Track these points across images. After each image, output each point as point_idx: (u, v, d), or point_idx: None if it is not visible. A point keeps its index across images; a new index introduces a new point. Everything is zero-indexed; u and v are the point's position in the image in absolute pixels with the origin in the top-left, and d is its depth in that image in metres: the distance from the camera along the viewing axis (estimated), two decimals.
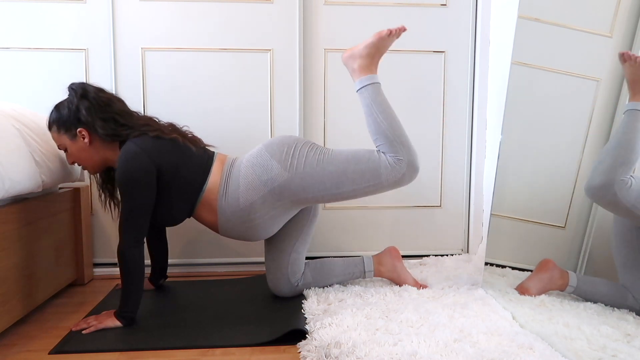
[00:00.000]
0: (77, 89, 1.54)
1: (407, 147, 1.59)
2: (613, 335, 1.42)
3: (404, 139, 1.60)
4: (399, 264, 1.81)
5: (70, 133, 1.55)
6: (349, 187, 1.58)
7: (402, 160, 1.58)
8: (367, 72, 1.64)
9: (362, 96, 1.64)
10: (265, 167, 1.57)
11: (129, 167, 1.48)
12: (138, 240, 1.49)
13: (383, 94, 1.64)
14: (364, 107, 1.64)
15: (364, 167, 1.57)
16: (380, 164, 1.57)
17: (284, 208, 1.61)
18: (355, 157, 1.58)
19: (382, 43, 1.63)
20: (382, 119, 1.60)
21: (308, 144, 1.62)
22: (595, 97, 1.84)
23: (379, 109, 1.61)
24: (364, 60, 1.64)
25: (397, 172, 1.57)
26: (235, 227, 1.62)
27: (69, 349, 1.36)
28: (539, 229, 1.95)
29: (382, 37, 1.61)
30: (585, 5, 1.85)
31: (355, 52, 1.65)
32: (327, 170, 1.57)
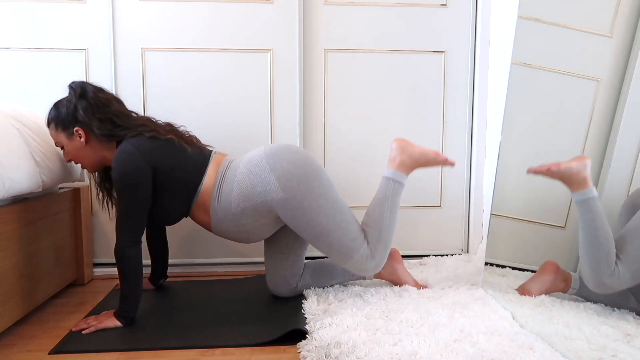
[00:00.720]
0: (76, 88, 1.54)
1: (385, 252, 1.62)
2: (613, 335, 1.42)
3: (388, 244, 1.62)
4: (400, 267, 1.81)
5: (67, 131, 1.55)
6: (323, 245, 1.57)
7: (375, 260, 1.59)
8: (404, 170, 1.66)
9: (385, 186, 1.64)
10: (262, 179, 1.54)
11: (124, 166, 1.48)
12: (135, 240, 1.49)
13: (401, 196, 1.66)
14: (380, 195, 1.64)
15: (346, 242, 1.56)
16: (359, 250, 1.57)
17: (273, 218, 1.61)
18: (346, 228, 1.56)
19: (432, 162, 1.67)
20: (388, 217, 1.61)
21: (316, 177, 1.56)
22: (595, 97, 1.84)
23: (391, 207, 1.62)
24: (410, 161, 1.65)
25: (364, 264, 1.59)
26: (228, 229, 1.62)
27: (69, 349, 1.36)
28: (539, 229, 1.95)
29: (437, 159, 1.66)
30: (585, 5, 1.85)
31: (409, 150, 1.66)
32: (318, 220, 1.54)
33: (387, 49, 2.20)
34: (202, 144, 1.70)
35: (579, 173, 1.57)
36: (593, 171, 1.86)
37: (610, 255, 1.54)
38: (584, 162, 1.58)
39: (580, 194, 1.58)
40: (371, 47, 2.20)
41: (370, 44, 2.19)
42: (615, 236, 1.58)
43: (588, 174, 1.58)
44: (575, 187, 1.59)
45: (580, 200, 1.58)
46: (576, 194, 1.59)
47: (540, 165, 1.61)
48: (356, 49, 2.19)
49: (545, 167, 1.60)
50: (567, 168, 1.58)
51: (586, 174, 1.58)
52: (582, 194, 1.57)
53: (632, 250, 1.54)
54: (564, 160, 1.60)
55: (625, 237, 1.57)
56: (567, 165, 1.58)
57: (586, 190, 1.57)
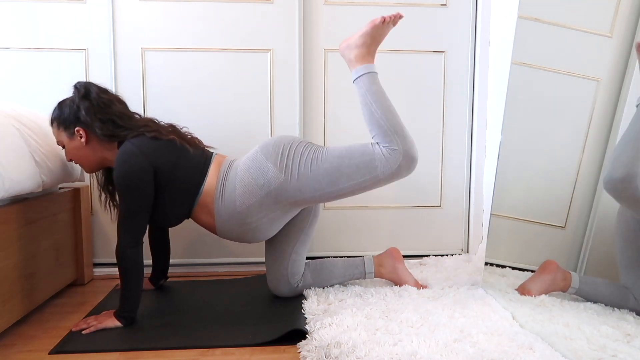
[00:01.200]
0: (80, 89, 1.55)
1: (402, 136, 1.55)
2: (613, 335, 1.42)
3: (398, 128, 1.55)
4: (400, 266, 1.81)
5: (68, 131, 1.56)
6: (345, 184, 1.55)
7: (397, 150, 1.53)
8: (363, 61, 1.61)
9: (358, 86, 1.61)
10: (261, 170, 1.56)
11: (126, 167, 1.49)
12: (136, 240, 1.49)
13: (379, 83, 1.61)
14: (360, 97, 1.61)
15: (358, 161, 1.54)
16: (375, 156, 1.54)
17: (282, 211, 1.61)
18: (349, 152, 1.56)
19: (377, 31, 1.60)
20: (376, 107, 1.57)
21: (303, 144, 1.61)
22: (595, 97, 1.84)
23: (373, 97, 1.58)
24: (360, 49, 1.61)
25: (392, 163, 1.53)
26: (232, 230, 1.62)
27: (69, 349, 1.36)
28: (539, 229, 1.95)
29: (376, 25, 1.59)
30: (585, 5, 1.85)
31: (352, 42, 1.62)
32: (322, 168, 1.54)
33: (387, 49, 2.20)
34: (204, 145, 1.70)
35: None
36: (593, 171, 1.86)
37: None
38: None
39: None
40: None
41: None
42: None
43: None
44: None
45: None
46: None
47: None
48: None
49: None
50: None
51: None
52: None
53: None
54: None
55: None
56: None
57: None
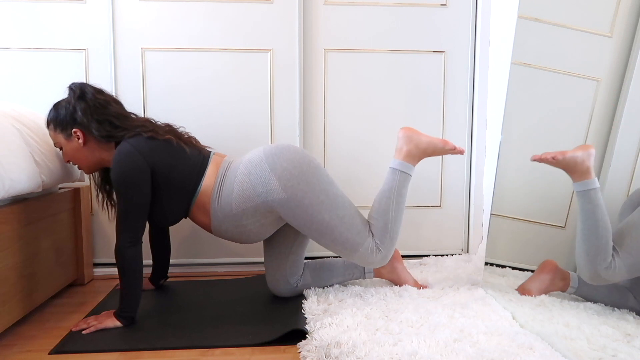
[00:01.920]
0: (75, 90, 1.55)
1: (392, 244, 1.61)
2: (613, 335, 1.42)
3: (395, 237, 1.61)
4: (400, 265, 1.81)
5: (65, 132, 1.56)
6: (327, 240, 1.58)
7: (381, 252, 1.59)
8: (411, 160, 1.63)
9: (392, 177, 1.63)
10: (263, 180, 1.55)
11: (123, 166, 1.49)
12: (135, 240, 1.49)
13: (408, 188, 1.64)
14: (386, 186, 1.62)
15: (350, 236, 1.56)
16: (364, 243, 1.57)
17: (274, 218, 1.61)
18: (350, 222, 1.57)
19: (441, 151, 1.64)
20: (395, 209, 1.60)
21: (316, 174, 1.57)
22: (595, 97, 1.84)
23: (398, 198, 1.61)
24: (417, 151, 1.63)
25: (371, 258, 1.59)
26: (228, 230, 1.62)
27: (69, 349, 1.36)
28: (539, 229, 1.95)
29: (445, 148, 1.63)
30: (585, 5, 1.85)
31: (415, 139, 1.63)
32: (321, 217, 1.55)
33: (387, 49, 2.20)
34: (201, 144, 1.70)
35: (583, 163, 1.56)
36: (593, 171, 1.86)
37: (607, 247, 1.53)
38: (588, 152, 1.57)
39: (583, 184, 1.57)
40: (371, 47, 2.20)
41: (370, 43, 2.19)
42: (614, 230, 1.58)
43: (592, 164, 1.57)
44: (578, 177, 1.58)
45: (582, 190, 1.57)
46: (578, 184, 1.58)
47: (544, 153, 1.59)
48: (356, 48, 2.19)
49: (551, 155, 1.58)
50: (572, 157, 1.56)
51: (590, 163, 1.56)
52: (584, 184, 1.56)
53: (630, 243, 1.54)
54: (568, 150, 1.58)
55: (624, 230, 1.57)
56: (572, 155, 1.56)
57: (588, 180, 1.56)
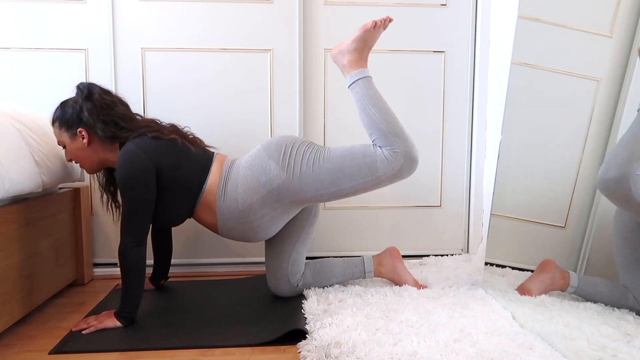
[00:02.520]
0: (83, 89, 1.55)
1: (402, 138, 1.57)
2: (613, 335, 1.42)
3: (398, 131, 1.57)
4: (400, 265, 1.81)
5: (70, 132, 1.56)
6: (346, 184, 1.57)
7: (398, 152, 1.55)
8: (357, 66, 1.63)
9: (354, 91, 1.63)
10: (264, 169, 1.57)
11: (128, 167, 1.49)
12: (139, 240, 1.49)
13: (375, 87, 1.62)
14: (357, 102, 1.63)
15: (360, 162, 1.56)
16: (377, 158, 1.55)
17: (283, 209, 1.61)
18: (351, 153, 1.57)
19: (368, 35, 1.62)
20: (375, 111, 1.59)
21: (305, 143, 1.62)
22: (595, 97, 1.84)
23: (371, 102, 1.60)
24: (353, 55, 1.63)
25: (394, 165, 1.55)
26: (234, 228, 1.62)
27: (69, 349, 1.36)
28: (539, 229, 1.95)
29: (367, 29, 1.60)
30: (585, 5, 1.85)
31: (344, 48, 1.64)
32: (324, 168, 1.56)
33: (387, 49, 2.20)
34: (205, 145, 1.71)
35: None
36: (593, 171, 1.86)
37: None
38: None
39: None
40: None
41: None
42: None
43: None
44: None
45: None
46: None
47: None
48: None
49: None
50: None
51: None
52: None
53: None
54: None
55: None
56: None
57: None
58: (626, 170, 1.48)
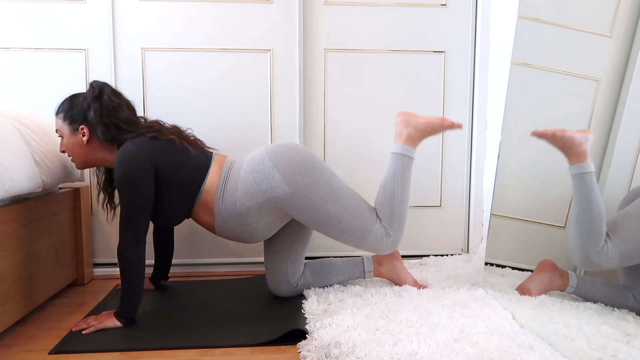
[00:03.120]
0: (95, 88, 1.56)
1: (401, 228, 1.64)
2: (613, 335, 1.42)
3: (402, 221, 1.63)
4: (399, 264, 1.81)
5: (73, 126, 1.56)
6: (335, 231, 1.60)
7: (391, 237, 1.62)
8: (411, 143, 1.66)
9: (394, 162, 1.66)
10: (267, 176, 1.56)
11: (126, 166, 1.49)
12: (138, 240, 1.49)
13: (411, 171, 1.66)
14: (390, 171, 1.65)
15: (357, 224, 1.59)
16: (372, 230, 1.60)
17: (278, 216, 1.62)
18: (355, 211, 1.59)
19: (439, 128, 1.67)
20: (400, 193, 1.63)
21: (318, 168, 1.60)
22: (595, 97, 1.84)
23: (402, 182, 1.64)
24: (416, 132, 1.66)
25: (381, 244, 1.62)
26: (232, 230, 1.62)
27: (69, 349, 1.36)
28: (539, 229, 1.95)
29: (444, 125, 1.65)
30: (585, 5, 1.85)
31: (413, 121, 1.66)
32: (326, 208, 1.57)
33: (387, 49, 2.20)
34: (205, 146, 1.71)
35: (580, 145, 1.59)
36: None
37: (601, 231, 1.55)
38: (586, 136, 1.60)
39: (578, 167, 1.59)
40: (371, 47, 2.20)
41: (370, 44, 2.19)
42: (609, 219, 1.60)
43: (589, 148, 1.59)
44: (574, 159, 1.60)
45: (578, 173, 1.59)
46: (574, 167, 1.60)
47: (545, 130, 1.61)
48: (356, 49, 2.19)
49: (551, 132, 1.60)
50: (570, 137, 1.59)
51: (587, 147, 1.59)
52: (580, 167, 1.59)
53: (624, 231, 1.56)
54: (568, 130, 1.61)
55: (618, 219, 1.59)
56: (571, 135, 1.59)
57: (584, 164, 1.59)
58: (584, 253, 1.56)
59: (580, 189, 1.58)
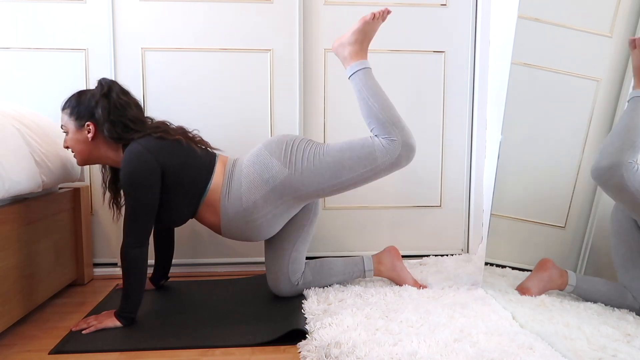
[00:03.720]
0: (104, 85, 1.56)
1: (399, 127, 1.61)
2: (613, 335, 1.42)
3: (395, 120, 1.61)
4: (399, 264, 1.81)
5: (79, 122, 1.56)
6: (347, 175, 1.60)
7: (396, 140, 1.59)
8: (357, 58, 1.67)
9: (354, 82, 1.66)
10: (266, 165, 1.59)
11: (133, 166, 1.49)
12: (141, 241, 1.49)
13: (374, 78, 1.66)
14: (356, 93, 1.66)
15: (359, 153, 1.59)
16: (375, 148, 1.59)
17: (286, 206, 1.62)
18: (349, 145, 1.60)
19: (368, 27, 1.65)
20: (374, 101, 1.62)
21: (305, 140, 1.65)
22: (595, 97, 1.84)
23: (369, 92, 1.63)
24: (353, 46, 1.67)
25: (392, 153, 1.59)
26: (237, 227, 1.63)
27: (69, 349, 1.37)
28: (539, 229, 1.95)
29: (366, 21, 1.64)
30: (585, 5, 1.85)
31: (344, 40, 1.68)
32: (325, 162, 1.58)
33: (387, 49, 2.20)
34: (211, 147, 1.71)
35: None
36: None
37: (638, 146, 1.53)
38: None
39: None
40: (371, 47, 2.17)
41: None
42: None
43: None
44: None
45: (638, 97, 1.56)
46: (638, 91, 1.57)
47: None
48: None
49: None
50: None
51: None
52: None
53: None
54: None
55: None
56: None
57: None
58: (618, 158, 1.52)
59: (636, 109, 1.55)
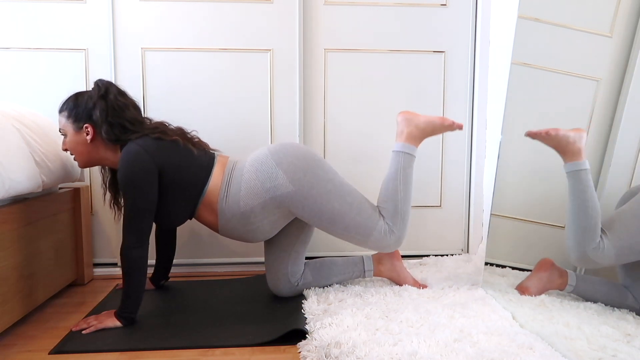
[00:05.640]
0: (101, 87, 1.56)
1: (405, 225, 1.65)
2: (613, 335, 1.42)
3: (406, 218, 1.65)
4: (399, 264, 1.81)
5: (77, 125, 1.56)
6: (339, 229, 1.61)
7: (395, 233, 1.63)
8: (413, 142, 1.68)
9: (396, 159, 1.67)
10: (270, 175, 1.57)
11: (130, 167, 1.49)
12: (141, 241, 1.49)
13: (413, 168, 1.68)
14: (391, 169, 1.67)
15: (361, 221, 1.60)
16: (376, 227, 1.61)
17: (282, 215, 1.62)
18: (359, 207, 1.61)
19: (439, 128, 1.69)
20: (402, 188, 1.64)
21: (320, 166, 1.61)
22: (595, 97, 1.84)
23: (404, 179, 1.65)
24: (417, 131, 1.68)
25: (385, 240, 1.63)
26: (235, 229, 1.63)
27: (69, 349, 1.36)
28: (539, 229, 1.95)
29: (444, 124, 1.67)
30: (585, 5, 1.85)
31: (414, 120, 1.68)
32: (330, 205, 1.58)
33: (387, 49, 2.20)
34: (210, 148, 1.71)
35: (575, 143, 1.61)
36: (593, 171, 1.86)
37: (596, 227, 1.57)
38: (580, 134, 1.61)
39: (573, 165, 1.61)
40: (371, 47, 2.20)
41: (370, 44, 2.19)
42: (606, 217, 1.61)
43: (583, 145, 1.61)
44: (569, 157, 1.62)
45: (573, 170, 1.61)
46: (569, 164, 1.62)
47: (539, 129, 1.64)
48: (356, 49, 2.19)
49: (544, 131, 1.62)
50: (564, 135, 1.61)
51: (581, 145, 1.61)
52: (575, 164, 1.61)
53: (620, 227, 1.57)
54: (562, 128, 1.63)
55: (615, 216, 1.61)
56: (564, 133, 1.61)
57: (579, 161, 1.61)
58: (581, 251, 1.59)
59: (575, 187, 1.60)
